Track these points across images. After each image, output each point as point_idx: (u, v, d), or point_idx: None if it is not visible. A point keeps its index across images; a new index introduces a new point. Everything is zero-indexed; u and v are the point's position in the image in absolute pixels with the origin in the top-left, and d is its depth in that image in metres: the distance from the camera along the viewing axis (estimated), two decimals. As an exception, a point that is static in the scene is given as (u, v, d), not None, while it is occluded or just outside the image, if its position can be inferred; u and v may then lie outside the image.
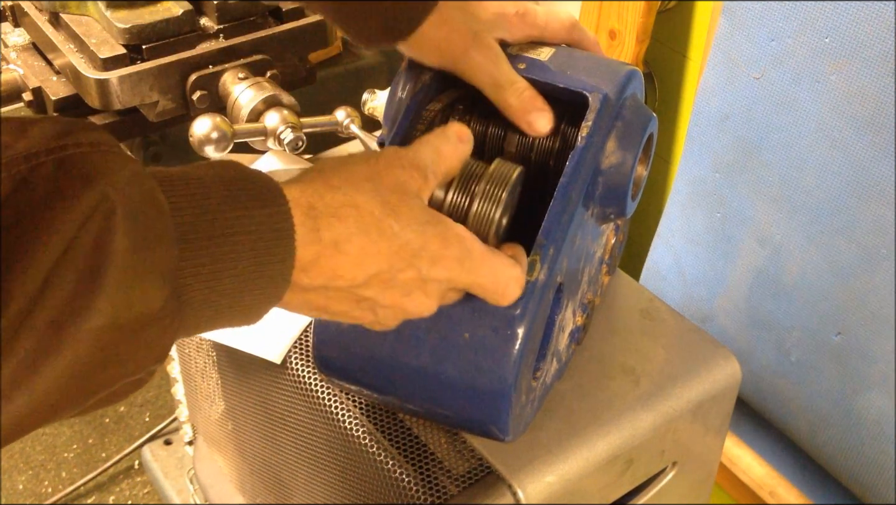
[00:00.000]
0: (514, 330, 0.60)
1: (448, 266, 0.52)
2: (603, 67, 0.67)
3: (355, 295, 0.50)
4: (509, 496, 0.67)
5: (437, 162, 0.55)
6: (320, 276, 0.47)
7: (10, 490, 1.62)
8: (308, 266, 0.46)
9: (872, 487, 1.11)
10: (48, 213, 0.35)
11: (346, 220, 0.48)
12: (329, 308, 0.50)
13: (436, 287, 0.53)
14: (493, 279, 0.56)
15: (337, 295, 0.49)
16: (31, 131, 0.36)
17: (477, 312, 0.60)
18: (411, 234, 0.50)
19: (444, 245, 0.52)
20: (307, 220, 0.46)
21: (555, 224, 0.62)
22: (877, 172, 1.00)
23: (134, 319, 0.38)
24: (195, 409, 1.07)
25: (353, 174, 0.50)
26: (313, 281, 0.47)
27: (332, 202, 0.47)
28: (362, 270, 0.48)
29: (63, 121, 0.38)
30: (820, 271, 1.10)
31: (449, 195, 0.57)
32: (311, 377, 0.76)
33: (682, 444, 0.79)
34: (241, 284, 0.43)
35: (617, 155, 0.65)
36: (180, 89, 1.01)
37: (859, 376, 1.09)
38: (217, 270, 0.41)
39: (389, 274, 0.50)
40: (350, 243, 0.47)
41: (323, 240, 0.46)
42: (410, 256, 0.50)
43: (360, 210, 0.48)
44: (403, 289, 0.51)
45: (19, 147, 0.35)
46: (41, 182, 0.35)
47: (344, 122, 1.01)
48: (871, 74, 0.98)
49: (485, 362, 0.61)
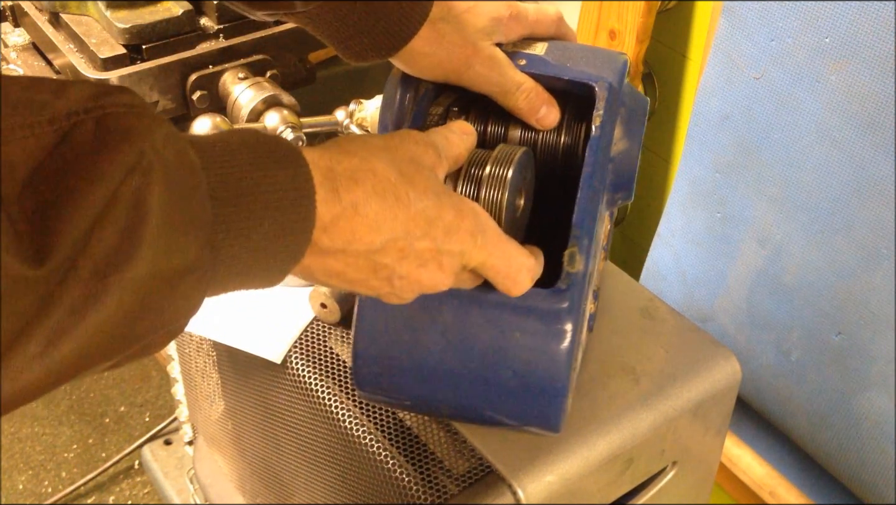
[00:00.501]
0: (563, 325, 0.61)
1: (462, 238, 0.54)
2: (598, 57, 0.68)
3: (372, 262, 0.51)
4: (509, 496, 0.67)
5: (446, 147, 0.57)
6: (339, 237, 0.49)
7: (10, 490, 1.62)
8: (328, 226, 0.48)
9: (872, 487, 1.11)
10: (91, 167, 0.36)
11: (364, 183, 0.49)
12: (347, 274, 0.51)
13: (449, 260, 0.54)
14: (506, 262, 0.57)
15: (355, 261, 0.50)
16: (69, 91, 0.37)
17: (524, 310, 0.61)
18: (427, 202, 0.52)
19: (458, 216, 0.53)
20: (326, 181, 0.47)
21: (585, 214, 0.62)
22: (877, 172, 1.00)
23: (172, 269, 0.40)
24: (195, 409, 1.07)
25: (370, 144, 0.52)
26: (333, 242, 0.48)
27: (349, 166, 0.49)
28: (379, 235, 0.50)
29: (98, 83, 0.39)
30: (820, 271, 1.09)
31: (458, 186, 0.58)
32: (311, 377, 0.76)
33: (682, 443, 0.79)
34: (268, 241, 0.45)
35: (624, 141, 0.67)
36: (180, 89, 1.01)
37: (859, 376, 1.09)
38: (246, 226, 0.43)
39: (406, 241, 0.51)
40: (368, 206, 0.49)
41: (342, 200, 0.48)
42: (426, 223, 0.51)
43: (378, 175, 0.50)
44: (419, 259, 0.52)
45: (59, 105, 0.37)
46: (83, 138, 0.37)
47: (344, 123, 1.01)
48: (871, 74, 0.98)
49: (537, 360, 0.62)
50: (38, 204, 0.35)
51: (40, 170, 0.36)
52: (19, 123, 0.35)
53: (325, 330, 0.80)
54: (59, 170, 0.36)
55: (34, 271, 0.35)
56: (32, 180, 0.35)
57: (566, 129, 0.68)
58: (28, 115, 0.36)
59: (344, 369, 0.77)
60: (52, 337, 0.37)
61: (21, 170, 0.35)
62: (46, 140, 0.36)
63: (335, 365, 0.77)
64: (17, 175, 0.35)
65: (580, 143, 0.67)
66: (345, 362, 0.77)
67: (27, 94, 0.37)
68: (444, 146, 0.57)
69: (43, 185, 0.36)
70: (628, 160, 0.67)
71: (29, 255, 0.35)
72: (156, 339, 0.42)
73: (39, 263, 0.35)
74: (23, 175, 0.35)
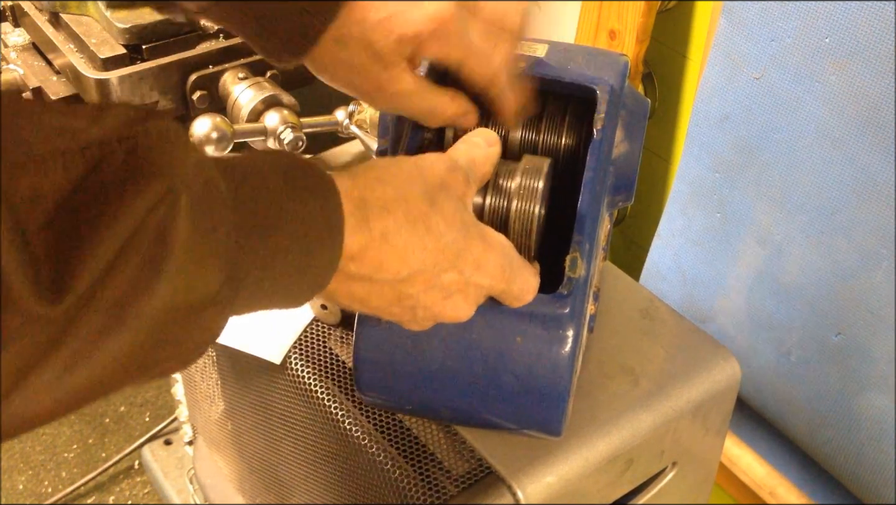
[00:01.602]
0: (565, 330, 0.61)
1: (491, 273, 0.54)
2: (599, 59, 0.68)
3: (398, 291, 0.51)
4: (509, 496, 0.67)
5: (472, 169, 0.56)
6: (367, 265, 0.48)
7: (10, 490, 1.62)
8: (357, 255, 0.47)
9: (872, 487, 1.11)
10: (119, 198, 0.36)
11: (396, 213, 0.49)
12: (370, 301, 0.51)
13: (475, 292, 0.54)
14: (521, 287, 0.57)
15: (380, 289, 0.50)
16: (104, 118, 0.37)
17: (526, 315, 0.61)
18: (457, 234, 0.51)
19: (487, 249, 0.53)
20: (357, 210, 0.47)
21: (587, 219, 0.62)
22: (877, 172, 1.00)
23: (192, 301, 0.39)
24: (195, 409, 1.07)
25: (403, 170, 0.51)
26: (360, 270, 0.48)
27: (382, 195, 0.49)
28: (406, 265, 0.49)
29: (134, 108, 0.39)
30: (820, 271, 1.09)
31: (487, 199, 0.58)
32: (311, 378, 0.76)
33: (682, 444, 0.79)
34: (292, 271, 0.44)
35: (625, 143, 0.67)
36: (180, 89, 1.01)
37: (859, 376, 1.09)
38: (270, 256, 0.43)
39: (433, 272, 0.51)
40: (398, 236, 0.49)
41: (373, 230, 0.48)
42: (454, 256, 0.51)
43: (410, 204, 0.49)
44: (445, 291, 0.52)
45: (93, 133, 0.37)
46: (113, 168, 0.36)
47: (344, 122, 1.01)
48: (871, 74, 0.98)
49: (539, 365, 0.62)
50: (60, 237, 0.35)
51: (68, 201, 0.35)
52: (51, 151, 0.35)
53: (325, 331, 0.80)
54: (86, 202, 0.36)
55: (51, 309, 0.35)
56: (58, 212, 0.35)
57: (567, 131, 0.68)
58: (61, 142, 0.35)
59: (344, 370, 0.76)
60: (68, 365, 0.36)
61: (48, 201, 0.35)
62: (76, 171, 0.36)
63: (335, 366, 0.77)
64: (44, 207, 0.35)
65: (581, 145, 0.67)
66: (344, 363, 0.77)
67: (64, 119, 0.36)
68: (472, 168, 0.56)
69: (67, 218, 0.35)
70: (629, 162, 0.67)
71: (47, 292, 0.34)
72: (172, 366, 0.42)
73: (57, 300, 0.35)
74: (49, 206, 0.35)
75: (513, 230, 0.59)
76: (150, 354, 0.40)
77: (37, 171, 0.34)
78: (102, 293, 0.36)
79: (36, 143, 0.35)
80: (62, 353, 0.36)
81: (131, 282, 0.37)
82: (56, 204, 0.35)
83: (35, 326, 0.34)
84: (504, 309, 0.61)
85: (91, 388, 0.38)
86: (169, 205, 0.37)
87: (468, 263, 0.52)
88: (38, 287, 0.34)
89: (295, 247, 0.44)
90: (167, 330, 0.39)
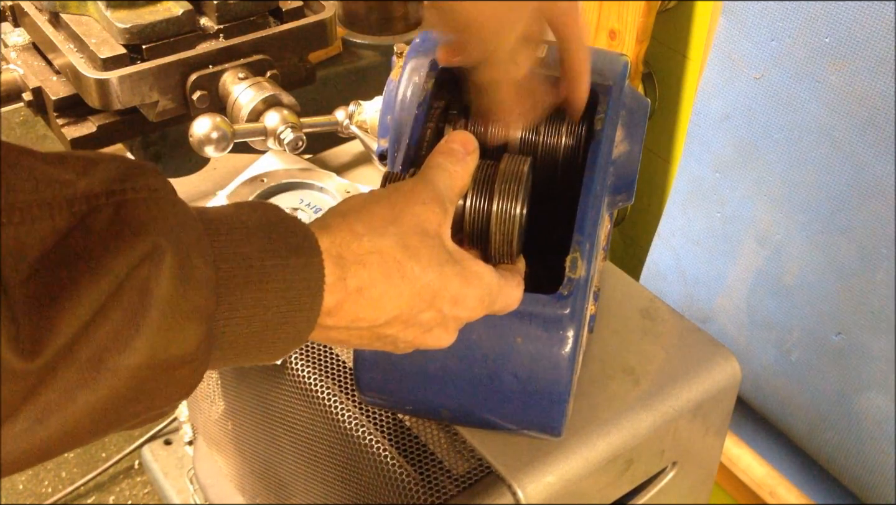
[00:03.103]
0: (565, 331, 0.61)
1: (469, 306, 0.54)
2: (599, 59, 0.68)
3: (376, 333, 0.52)
4: (509, 496, 0.67)
5: (451, 187, 0.56)
6: (343, 319, 0.49)
7: (10, 490, 1.62)
8: (333, 310, 0.48)
9: (872, 487, 1.11)
10: (103, 253, 0.36)
11: (371, 266, 0.49)
12: (350, 342, 0.52)
13: (454, 324, 0.55)
14: (504, 304, 0.57)
15: (359, 333, 0.51)
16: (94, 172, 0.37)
17: (526, 315, 0.61)
18: (432, 276, 0.51)
19: (464, 284, 0.53)
20: (336, 269, 0.47)
21: (587, 219, 0.62)
22: (877, 172, 1.00)
23: (169, 358, 0.39)
24: (195, 409, 1.07)
25: (375, 218, 0.51)
26: (337, 322, 0.49)
27: (357, 250, 0.49)
28: (383, 313, 0.50)
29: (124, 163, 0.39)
30: (820, 271, 1.09)
31: (468, 201, 0.58)
32: (311, 378, 0.76)
33: (682, 444, 0.79)
34: (270, 328, 0.45)
35: (625, 143, 0.67)
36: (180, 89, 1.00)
37: (859, 376, 1.09)
38: (250, 315, 0.43)
39: (410, 314, 0.51)
40: (374, 289, 0.49)
41: (348, 287, 0.48)
42: (431, 296, 0.52)
43: (384, 256, 0.50)
44: (423, 327, 0.53)
45: (81, 186, 0.37)
46: (99, 223, 0.37)
47: (344, 123, 1.01)
48: (871, 74, 0.98)
49: (539, 365, 0.62)
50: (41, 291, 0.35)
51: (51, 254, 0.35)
52: (37, 201, 0.35)
53: (325, 330, 0.80)
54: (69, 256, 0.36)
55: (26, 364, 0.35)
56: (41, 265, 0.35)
57: (567, 131, 0.68)
58: (49, 193, 0.36)
59: (344, 370, 0.76)
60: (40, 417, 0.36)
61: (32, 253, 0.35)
62: (62, 223, 0.36)
63: (335, 366, 0.77)
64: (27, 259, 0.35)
65: (581, 145, 0.67)
66: (345, 363, 0.77)
67: (53, 170, 0.36)
68: (449, 187, 0.55)
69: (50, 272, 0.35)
70: (629, 162, 0.67)
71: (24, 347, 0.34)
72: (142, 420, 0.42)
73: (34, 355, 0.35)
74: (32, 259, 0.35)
75: (494, 231, 0.58)
76: (124, 408, 0.39)
77: (22, 220, 0.35)
78: (81, 348, 0.36)
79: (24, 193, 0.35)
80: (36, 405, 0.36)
81: (110, 338, 0.37)
82: (39, 256, 0.35)
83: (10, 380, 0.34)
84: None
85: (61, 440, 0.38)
86: (153, 263, 0.37)
87: (445, 300, 0.52)
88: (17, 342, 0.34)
89: (274, 304, 0.44)
90: (142, 386, 0.39)
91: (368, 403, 0.70)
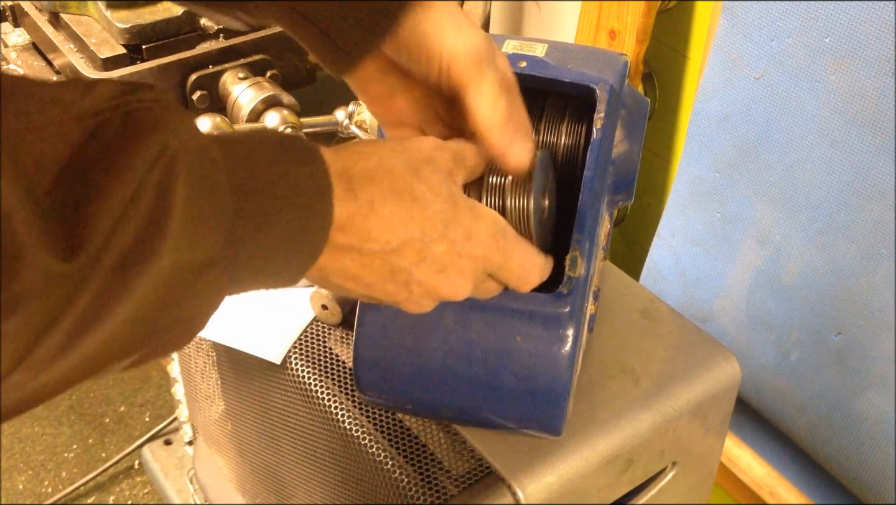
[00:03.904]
0: (565, 329, 0.61)
1: (483, 243, 0.53)
2: (598, 58, 0.68)
3: (389, 263, 0.50)
4: (509, 496, 0.67)
5: (461, 154, 0.56)
6: (355, 235, 0.48)
7: (10, 490, 1.62)
8: (345, 224, 0.48)
9: (872, 488, 1.11)
10: (117, 160, 0.37)
11: (381, 182, 0.49)
12: (363, 277, 0.50)
13: (470, 265, 0.53)
14: (522, 263, 0.56)
15: (371, 262, 0.50)
16: (96, 90, 0.38)
17: (526, 314, 0.61)
18: (444, 204, 0.51)
19: (477, 220, 0.52)
20: (342, 181, 0.47)
21: (587, 218, 0.62)
22: (877, 172, 1.00)
23: (194, 262, 0.40)
24: (195, 409, 1.07)
25: (385, 146, 0.51)
26: (349, 240, 0.48)
27: (366, 166, 0.49)
28: (395, 235, 0.49)
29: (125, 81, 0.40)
30: (820, 271, 1.09)
31: (483, 199, 0.58)
32: (311, 378, 0.76)
33: (682, 444, 0.79)
34: (287, 237, 0.45)
35: (625, 143, 0.67)
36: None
37: (859, 376, 1.09)
38: (264, 222, 0.43)
39: (422, 243, 0.50)
40: (384, 205, 0.49)
41: (359, 199, 0.48)
42: (443, 226, 0.51)
43: (395, 174, 0.49)
44: (438, 263, 0.51)
45: (86, 104, 0.37)
46: (110, 134, 0.37)
47: (344, 122, 1.01)
48: (871, 74, 0.98)
49: (539, 364, 0.62)
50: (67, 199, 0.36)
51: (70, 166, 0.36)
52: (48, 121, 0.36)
53: (325, 331, 0.80)
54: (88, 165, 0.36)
55: (65, 265, 0.35)
56: (63, 176, 0.36)
57: (566, 131, 0.68)
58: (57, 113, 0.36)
59: (344, 370, 0.76)
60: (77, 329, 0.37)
61: (52, 165, 0.36)
62: (74, 137, 0.36)
63: (335, 366, 0.77)
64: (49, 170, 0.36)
65: (580, 145, 0.67)
66: (344, 363, 0.77)
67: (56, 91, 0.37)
68: (460, 153, 0.56)
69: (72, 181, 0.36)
70: (629, 162, 0.67)
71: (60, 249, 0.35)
72: (174, 336, 0.43)
73: (70, 257, 0.35)
74: (54, 170, 0.36)
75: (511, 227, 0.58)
76: (157, 319, 0.40)
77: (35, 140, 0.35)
78: (109, 253, 0.37)
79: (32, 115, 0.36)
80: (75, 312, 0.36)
81: (135, 242, 0.37)
82: (59, 169, 0.36)
83: (52, 283, 0.35)
84: (504, 308, 0.61)
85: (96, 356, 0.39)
86: (166, 164, 0.38)
87: (458, 232, 0.51)
88: (54, 246, 0.35)
89: (287, 210, 0.44)
90: (171, 292, 0.40)
91: (368, 402, 0.70)
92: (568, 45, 0.70)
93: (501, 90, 0.56)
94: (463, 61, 0.55)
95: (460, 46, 0.55)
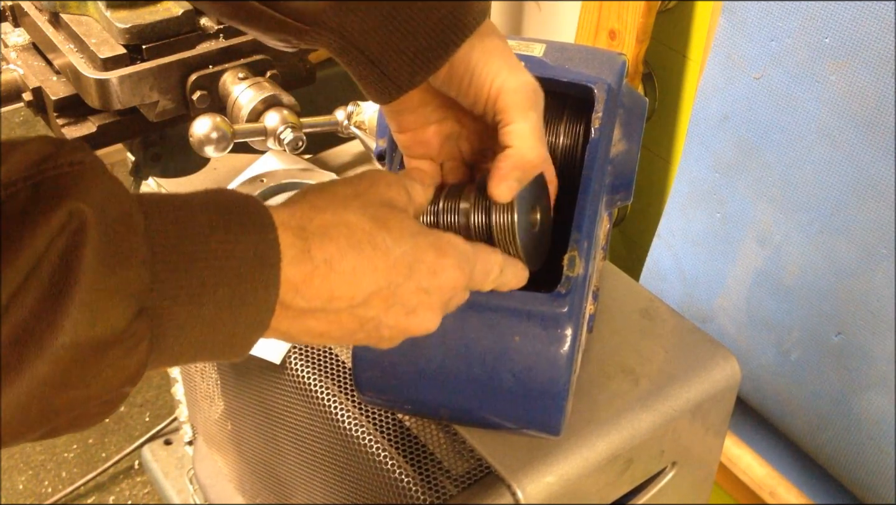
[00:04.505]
0: (564, 329, 0.61)
1: (450, 275, 0.52)
2: (596, 58, 0.68)
3: (357, 316, 0.49)
4: (509, 496, 0.67)
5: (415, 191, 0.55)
6: (316, 297, 0.46)
7: (10, 490, 1.62)
8: (301, 286, 0.46)
9: (872, 487, 1.11)
10: (21, 230, 0.35)
11: (338, 238, 0.47)
12: (331, 333, 0.49)
13: (438, 299, 0.52)
14: (494, 280, 0.56)
15: (338, 318, 0.48)
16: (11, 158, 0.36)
17: (524, 314, 0.61)
18: (406, 246, 0.50)
19: (440, 253, 0.51)
20: (297, 241, 0.45)
21: (585, 218, 0.62)
22: (877, 172, 1.00)
23: (96, 338, 0.37)
24: (195, 409, 1.07)
25: (340, 195, 0.50)
26: (310, 302, 0.46)
27: (321, 223, 0.47)
28: (360, 288, 0.48)
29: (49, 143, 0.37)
30: (820, 271, 1.09)
31: (472, 218, 0.57)
32: (311, 378, 0.76)
33: (682, 444, 0.79)
34: (224, 311, 0.42)
35: (623, 142, 0.67)
36: (180, 89, 1.00)
37: (859, 376, 1.09)
38: (196, 294, 0.41)
39: (389, 290, 0.49)
40: (344, 261, 0.47)
41: (314, 259, 0.46)
42: (408, 268, 0.50)
43: (351, 227, 0.48)
44: (406, 306, 0.51)
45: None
46: (16, 207, 0.35)
47: (344, 123, 1.01)
48: (871, 74, 0.98)
49: (538, 364, 0.61)
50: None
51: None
52: None
53: (325, 330, 0.80)
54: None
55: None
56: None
57: (565, 130, 0.68)
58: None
59: (343, 370, 0.77)
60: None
61: None
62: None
63: (334, 366, 0.77)
64: None
65: (579, 144, 0.67)
66: (344, 363, 0.77)
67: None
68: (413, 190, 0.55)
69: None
70: (628, 161, 0.67)
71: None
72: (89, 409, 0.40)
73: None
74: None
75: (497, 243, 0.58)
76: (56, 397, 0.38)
77: None
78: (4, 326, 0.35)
79: None
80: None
81: (31, 316, 0.35)
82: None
83: None
84: (502, 308, 0.61)
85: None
86: (72, 233, 0.36)
87: (423, 272, 0.50)
88: None
89: (224, 284, 0.42)
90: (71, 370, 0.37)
91: (367, 402, 0.70)
92: (566, 44, 0.70)
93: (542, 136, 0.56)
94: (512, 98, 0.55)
95: (511, 84, 0.55)
